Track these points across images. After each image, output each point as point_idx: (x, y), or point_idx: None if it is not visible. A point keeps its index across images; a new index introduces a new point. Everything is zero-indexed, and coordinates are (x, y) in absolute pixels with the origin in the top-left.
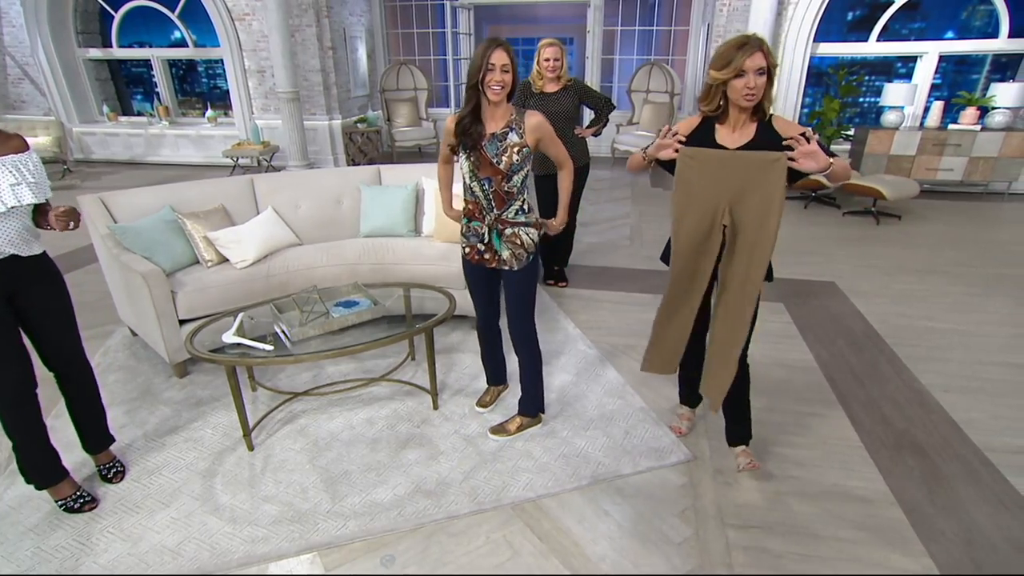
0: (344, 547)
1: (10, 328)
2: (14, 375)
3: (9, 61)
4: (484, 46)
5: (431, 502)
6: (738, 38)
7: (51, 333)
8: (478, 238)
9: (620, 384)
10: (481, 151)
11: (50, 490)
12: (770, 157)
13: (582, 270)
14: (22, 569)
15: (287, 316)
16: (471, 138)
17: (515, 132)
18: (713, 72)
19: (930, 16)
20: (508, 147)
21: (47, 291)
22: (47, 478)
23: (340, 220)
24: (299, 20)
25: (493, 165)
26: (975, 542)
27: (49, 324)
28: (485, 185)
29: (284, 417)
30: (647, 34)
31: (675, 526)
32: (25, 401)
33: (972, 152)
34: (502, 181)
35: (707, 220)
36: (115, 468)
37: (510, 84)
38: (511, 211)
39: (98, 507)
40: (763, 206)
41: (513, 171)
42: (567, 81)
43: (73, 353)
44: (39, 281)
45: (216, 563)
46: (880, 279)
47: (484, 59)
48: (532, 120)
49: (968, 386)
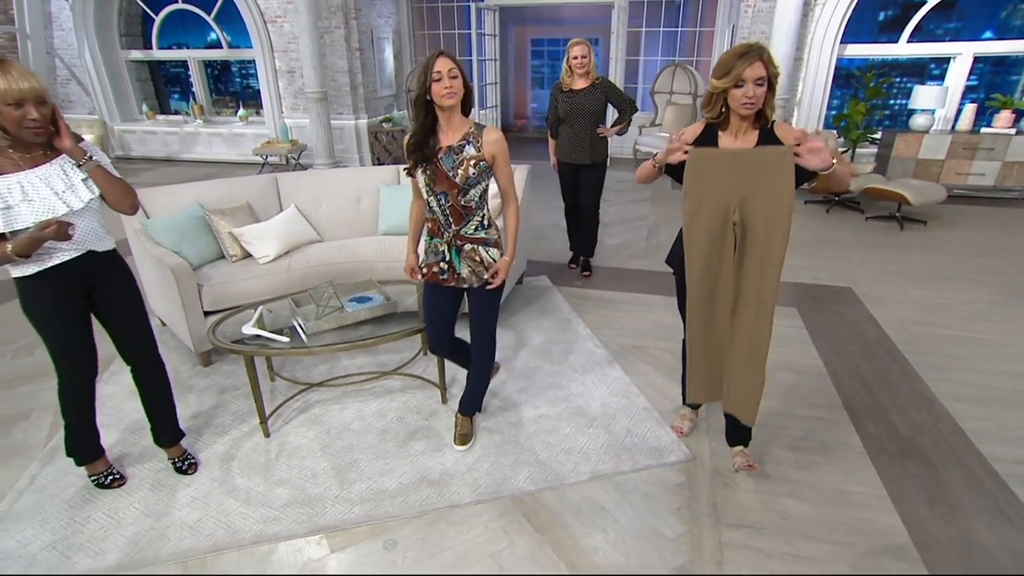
0: (350, 530)
1: (86, 322)
2: (84, 367)
3: (59, 63)
4: (427, 59)
5: (434, 491)
6: (740, 47)
7: (126, 326)
8: (437, 256)
9: (625, 383)
10: (437, 164)
11: (87, 466)
12: (778, 151)
13: (596, 271)
14: (56, 536)
15: (304, 310)
16: (424, 152)
17: (472, 145)
18: (714, 81)
19: (967, 16)
20: (464, 160)
21: (121, 285)
22: (87, 455)
23: (359, 218)
24: (328, 22)
25: (449, 178)
26: (972, 550)
27: (124, 317)
28: (442, 200)
29: (300, 406)
30: (672, 35)
31: (670, 523)
32: (88, 390)
33: (1007, 157)
34: (458, 195)
35: (718, 220)
36: (188, 460)
37: (461, 89)
38: (470, 227)
39: (126, 484)
40: (772, 200)
41: (469, 184)
42: (595, 79)
43: (147, 347)
44: (113, 275)
45: (230, 540)
46: (900, 285)
47: (428, 70)
48: (492, 135)
49: (981, 396)
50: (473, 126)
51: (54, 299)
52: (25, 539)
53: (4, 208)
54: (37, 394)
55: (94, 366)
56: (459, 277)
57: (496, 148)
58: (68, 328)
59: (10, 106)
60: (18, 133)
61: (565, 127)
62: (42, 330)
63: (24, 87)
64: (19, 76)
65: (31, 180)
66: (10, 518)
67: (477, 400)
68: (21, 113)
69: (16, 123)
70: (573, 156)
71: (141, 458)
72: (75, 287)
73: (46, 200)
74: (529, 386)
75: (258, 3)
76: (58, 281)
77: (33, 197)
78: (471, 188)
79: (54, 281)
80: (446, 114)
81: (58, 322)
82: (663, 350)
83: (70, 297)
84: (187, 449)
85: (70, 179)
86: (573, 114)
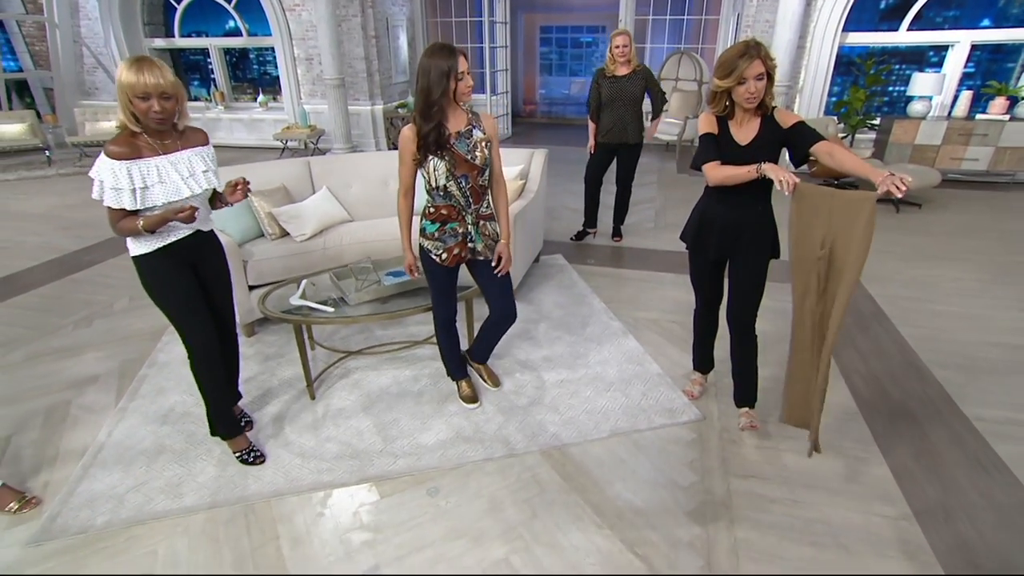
0: (396, 480)
1: (198, 292)
2: (205, 332)
3: (85, 51)
4: (445, 58)
5: (469, 446)
6: (738, 46)
7: (219, 298)
8: (456, 238)
9: (639, 352)
10: (452, 150)
11: (230, 442)
12: (862, 196)
13: (607, 249)
14: (138, 481)
15: (344, 283)
16: (438, 141)
17: (478, 129)
18: (717, 80)
19: (966, 3)
20: (476, 142)
21: (218, 262)
22: (231, 432)
23: (387, 199)
24: (345, 10)
25: (468, 161)
26: (950, 493)
27: (218, 290)
28: (462, 183)
29: (340, 373)
30: (678, 23)
31: (683, 473)
32: (214, 359)
33: (1000, 142)
34: (477, 176)
35: (816, 247)
36: (244, 418)
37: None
38: (484, 205)
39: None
40: (854, 237)
41: (486, 164)
42: (636, 66)
43: (231, 317)
44: (213, 253)
45: (290, 487)
46: (893, 264)
47: (452, 70)
48: (489, 119)
49: (965, 364)
50: (470, 112)
51: (170, 273)
52: (112, 483)
53: (142, 188)
54: (103, 360)
55: (214, 332)
56: (475, 251)
57: (494, 131)
58: (186, 297)
59: (139, 98)
60: (145, 122)
61: (607, 111)
62: (164, 303)
63: (150, 82)
64: (148, 73)
65: (164, 165)
66: (97, 465)
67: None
68: (147, 105)
69: (144, 113)
70: (618, 136)
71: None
72: (186, 261)
73: (175, 183)
74: (551, 355)
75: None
76: (172, 256)
77: (165, 180)
78: (486, 168)
79: (169, 257)
80: (450, 105)
81: (178, 293)
82: (673, 322)
83: (183, 270)
84: (243, 408)
85: (193, 168)
86: (615, 98)
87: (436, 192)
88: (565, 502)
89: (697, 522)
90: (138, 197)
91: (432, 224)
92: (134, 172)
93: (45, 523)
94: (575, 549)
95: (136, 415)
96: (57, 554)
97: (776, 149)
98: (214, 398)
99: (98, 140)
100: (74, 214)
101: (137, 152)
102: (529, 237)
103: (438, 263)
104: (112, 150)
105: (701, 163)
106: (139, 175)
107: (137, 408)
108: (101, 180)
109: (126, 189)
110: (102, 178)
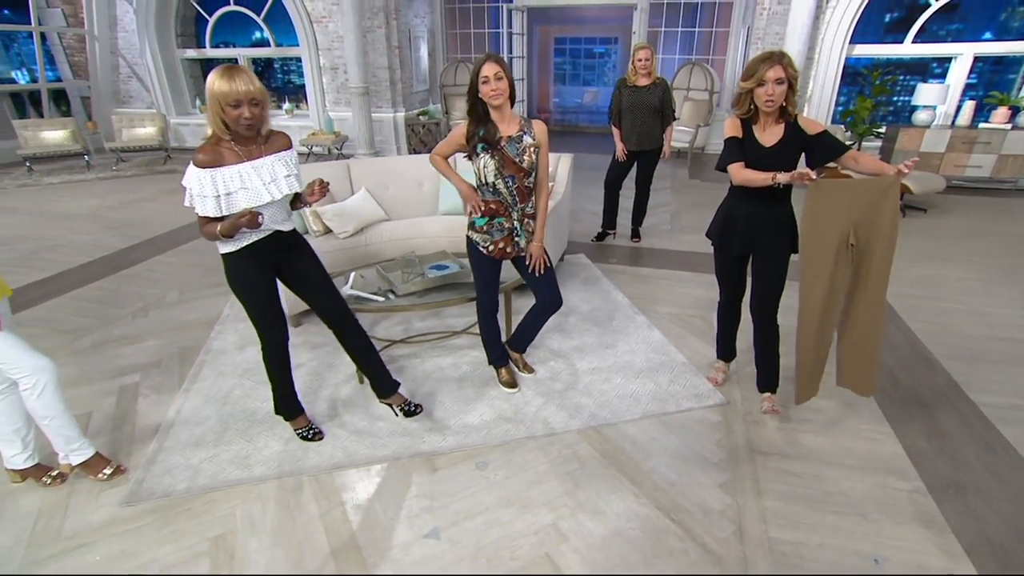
0: (447, 455)
1: (276, 293)
2: (278, 331)
3: (121, 62)
4: (478, 61)
5: (512, 426)
6: (764, 53)
7: (317, 293)
8: (503, 233)
9: (664, 343)
10: (502, 151)
11: (291, 422)
12: (884, 179)
13: (626, 250)
14: (210, 453)
15: (391, 276)
16: (488, 139)
17: (528, 135)
18: (741, 82)
19: (968, 17)
20: (526, 147)
21: (304, 258)
22: (292, 412)
23: (422, 200)
24: (371, 22)
25: (516, 163)
26: (960, 470)
27: (313, 285)
28: (509, 182)
29: (384, 359)
30: (689, 35)
31: (712, 451)
32: (281, 354)
33: (1002, 150)
34: (524, 178)
35: (833, 241)
36: (412, 405)
37: (507, 90)
38: (529, 204)
39: (324, 438)
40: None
41: (532, 168)
42: (656, 79)
43: (341, 310)
44: (296, 250)
45: (349, 461)
46: (900, 265)
47: (478, 74)
48: (540, 127)
49: (972, 355)
50: (523, 119)
51: (250, 272)
52: (186, 455)
53: (225, 194)
54: (163, 347)
55: (286, 328)
56: (519, 247)
57: (543, 138)
58: (264, 295)
59: (231, 106)
60: (235, 128)
61: (626, 118)
62: (244, 299)
63: (242, 89)
64: (239, 80)
65: (247, 171)
66: (171, 439)
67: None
68: (238, 112)
69: (235, 120)
70: (636, 143)
71: (265, 397)
72: (267, 262)
73: (257, 189)
74: (582, 345)
75: (305, 5)
76: (254, 256)
77: (248, 185)
78: (533, 171)
79: (250, 257)
80: (497, 109)
81: (254, 292)
82: (693, 316)
83: (263, 270)
84: (407, 397)
85: (275, 173)
86: (635, 106)
87: (485, 188)
88: (604, 475)
89: (727, 493)
90: (222, 204)
91: (481, 218)
92: (218, 179)
93: (133, 487)
94: (616, 516)
95: (199, 396)
96: (148, 513)
97: (798, 153)
98: (280, 384)
99: (134, 146)
100: (115, 215)
101: (221, 159)
102: (557, 236)
103: (484, 254)
104: (199, 159)
105: (726, 164)
106: (222, 182)
107: (199, 390)
108: (189, 188)
109: (210, 196)
110: (190, 186)
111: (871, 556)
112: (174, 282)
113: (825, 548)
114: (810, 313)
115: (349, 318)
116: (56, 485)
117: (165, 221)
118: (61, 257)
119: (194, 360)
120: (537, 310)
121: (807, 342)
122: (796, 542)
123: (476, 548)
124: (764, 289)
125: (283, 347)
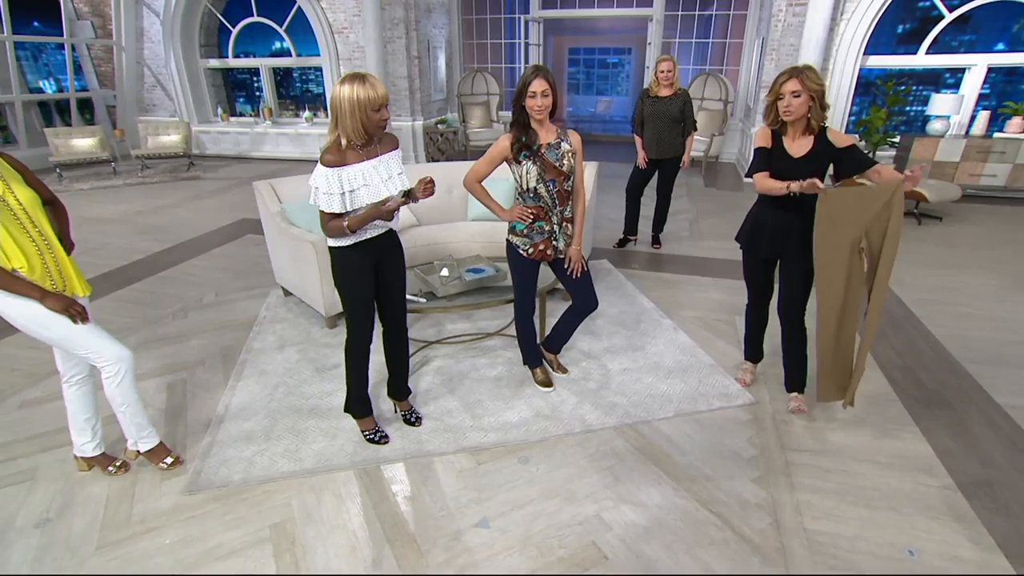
0: (489, 450)
1: (372, 292)
2: (364, 328)
3: (146, 71)
4: (528, 73)
5: (550, 423)
6: (788, 69)
7: (392, 295)
8: (543, 236)
9: (691, 345)
10: (543, 157)
11: (359, 421)
12: (890, 187)
13: (648, 256)
14: (260, 447)
15: (430, 278)
16: (530, 144)
17: (566, 142)
18: (766, 96)
19: (981, 29)
20: (564, 153)
21: (397, 260)
22: (362, 411)
23: (451, 206)
24: (391, 33)
25: (556, 168)
26: (989, 468)
27: (393, 287)
28: (550, 186)
29: (419, 360)
30: (703, 46)
31: (744, 448)
32: (365, 352)
33: (1017, 159)
34: (564, 181)
35: (845, 246)
36: (415, 415)
37: (550, 105)
38: (567, 208)
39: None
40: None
41: (571, 172)
42: (678, 89)
43: (402, 313)
44: (394, 251)
45: (395, 455)
46: (919, 272)
47: (526, 87)
48: (575, 136)
49: (995, 359)
50: (560, 128)
51: (356, 268)
52: (239, 450)
53: (350, 191)
54: (205, 346)
55: (372, 330)
56: (557, 250)
57: (579, 146)
58: (365, 291)
59: (374, 110)
60: (373, 130)
61: (648, 127)
62: (346, 292)
63: (382, 93)
64: (378, 86)
65: (368, 169)
66: (222, 432)
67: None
68: (379, 115)
69: (376, 122)
70: (656, 151)
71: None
72: (372, 258)
73: (376, 186)
74: (612, 347)
75: (327, 16)
76: (362, 252)
77: (369, 182)
78: (571, 176)
79: (360, 252)
80: (538, 120)
81: (356, 287)
82: (718, 320)
83: (368, 266)
84: (413, 405)
85: (391, 170)
86: (656, 116)
87: (527, 194)
88: (642, 469)
89: (762, 487)
90: (347, 200)
91: (522, 223)
92: (343, 177)
93: (192, 477)
94: (657, 507)
95: (245, 392)
96: (209, 501)
97: (826, 164)
98: (355, 383)
99: (159, 153)
100: (145, 219)
101: (345, 159)
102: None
103: (524, 257)
104: (327, 159)
105: (753, 172)
106: (348, 180)
107: (244, 387)
108: (316, 186)
109: (336, 193)
110: (317, 184)
111: (906, 548)
112: (208, 285)
113: (860, 539)
114: (827, 316)
115: (404, 323)
116: (121, 473)
117: (195, 226)
118: (99, 260)
119: (236, 359)
120: (574, 311)
121: (826, 345)
122: (832, 533)
123: (525, 537)
124: (791, 292)
125: (369, 343)
